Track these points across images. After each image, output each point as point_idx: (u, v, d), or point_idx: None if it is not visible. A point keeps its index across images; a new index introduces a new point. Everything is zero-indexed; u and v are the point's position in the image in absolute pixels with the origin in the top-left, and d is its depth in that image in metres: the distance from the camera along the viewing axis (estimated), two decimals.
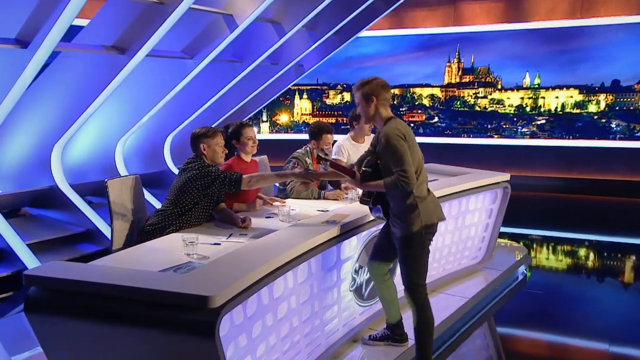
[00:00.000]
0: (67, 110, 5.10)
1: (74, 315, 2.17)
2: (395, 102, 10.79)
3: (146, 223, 3.27)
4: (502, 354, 3.71)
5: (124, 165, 6.31)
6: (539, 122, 9.95)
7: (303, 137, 4.31)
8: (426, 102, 10.77)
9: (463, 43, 10.28)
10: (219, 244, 2.87)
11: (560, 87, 9.76)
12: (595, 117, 9.58)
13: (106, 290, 2.12)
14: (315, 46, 7.54)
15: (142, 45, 4.83)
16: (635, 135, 9.33)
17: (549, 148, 9.81)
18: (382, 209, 2.92)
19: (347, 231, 3.02)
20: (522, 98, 10.05)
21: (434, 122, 10.75)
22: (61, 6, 4.00)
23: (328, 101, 11.40)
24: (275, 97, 9.18)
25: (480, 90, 10.35)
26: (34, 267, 2.83)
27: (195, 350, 2.02)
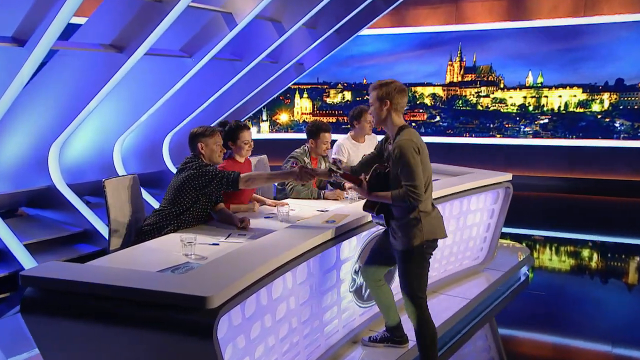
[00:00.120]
0: (64, 109, 5.09)
1: (70, 316, 2.16)
2: None
3: (144, 223, 3.27)
4: (503, 356, 3.69)
5: (122, 165, 6.28)
6: (542, 121, 9.90)
7: (303, 136, 4.29)
8: (428, 101, 10.72)
9: (465, 41, 10.24)
10: (218, 244, 2.88)
11: (564, 86, 9.71)
12: (599, 116, 9.52)
13: (103, 290, 2.11)
14: (315, 44, 7.52)
15: (140, 43, 4.80)
16: (639, 134, 9.27)
17: (551, 148, 9.76)
18: (384, 217, 2.88)
19: (347, 231, 3.01)
20: (524, 97, 10.01)
21: (435, 121, 10.71)
22: (59, 4, 3.97)
23: (329, 100, 11.36)
24: (275, 96, 9.17)
25: (483, 89, 10.30)
26: (31, 267, 2.81)
27: (193, 352, 2.01)
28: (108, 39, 4.91)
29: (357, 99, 10.90)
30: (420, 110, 10.76)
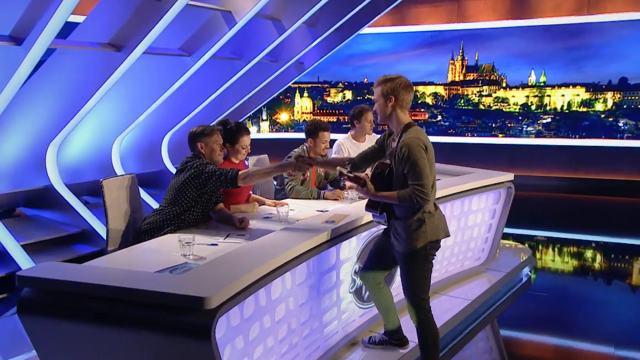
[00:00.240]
0: (62, 108, 5.07)
1: (68, 317, 2.15)
2: None
3: (144, 222, 3.26)
4: (505, 357, 3.67)
5: (121, 165, 6.26)
6: (545, 120, 9.86)
7: (303, 136, 4.26)
8: (429, 100, 10.69)
9: (467, 40, 10.20)
10: (216, 244, 2.87)
11: (567, 85, 9.67)
12: (603, 115, 9.48)
13: (101, 291, 2.10)
14: (315, 43, 7.49)
15: (139, 42, 4.79)
16: None
17: (554, 147, 9.72)
18: (385, 217, 2.83)
19: (347, 232, 2.98)
20: (527, 96, 9.97)
21: (437, 120, 10.67)
22: (56, 2, 3.96)
23: (329, 99, 11.34)
24: (275, 95, 9.13)
25: (485, 88, 10.27)
26: (28, 268, 2.79)
27: (191, 352, 2.00)
28: (106, 38, 4.89)
29: (358, 98, 10.87)
30: (422, 110, 10.72)
